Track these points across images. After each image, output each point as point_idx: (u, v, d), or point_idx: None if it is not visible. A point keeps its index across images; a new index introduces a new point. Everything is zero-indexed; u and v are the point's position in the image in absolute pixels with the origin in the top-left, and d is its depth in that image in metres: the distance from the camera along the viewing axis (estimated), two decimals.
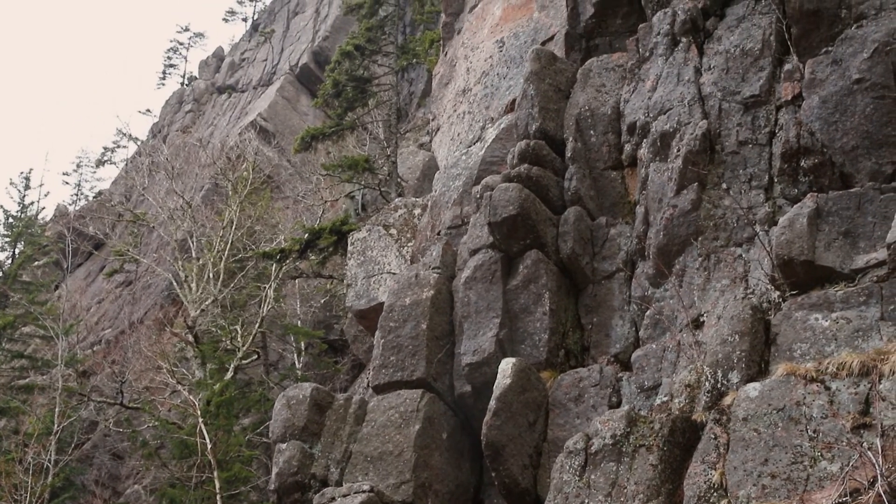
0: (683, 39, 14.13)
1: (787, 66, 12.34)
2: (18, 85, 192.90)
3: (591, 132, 15.30)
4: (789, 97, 12.14)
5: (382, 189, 34.14)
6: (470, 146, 19.28)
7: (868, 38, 10.87)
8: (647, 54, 14.87)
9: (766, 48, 12.75)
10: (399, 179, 34.82)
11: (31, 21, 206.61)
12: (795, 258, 10.55)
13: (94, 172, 74.55)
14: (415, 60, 37.58)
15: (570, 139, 15.48)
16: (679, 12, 14.35)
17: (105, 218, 48.36)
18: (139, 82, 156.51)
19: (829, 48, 11.32)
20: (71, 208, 64.29)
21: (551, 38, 18.19)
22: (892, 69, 10.64)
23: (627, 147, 14.80)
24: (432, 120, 24.03)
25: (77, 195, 71.60)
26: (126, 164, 63.14)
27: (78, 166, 73.46)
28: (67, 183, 73.75)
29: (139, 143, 60.73)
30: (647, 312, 13.23)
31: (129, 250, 41.77)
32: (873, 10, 10.99)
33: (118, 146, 71.66)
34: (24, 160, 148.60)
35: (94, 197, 66.76)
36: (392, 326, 15.33)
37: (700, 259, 12.58)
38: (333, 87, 34.81)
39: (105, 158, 72.85)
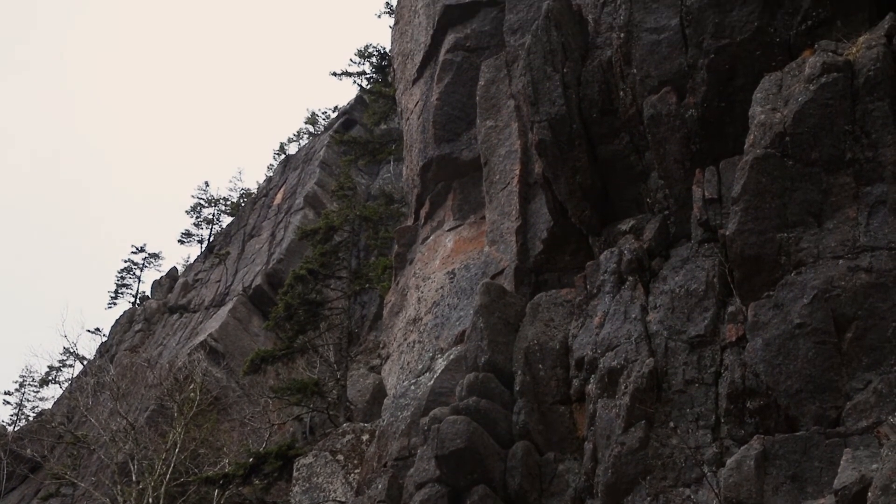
0: (630, 278, 14.46)
1: (730, 308, 12.61)
2: None
3: (540, 366, 15.37)
4: (734, 338, 12.35)
5: (331, 413, 33.73)
6: (419, 376, 19.24)
7: (807, 285, 11.17)
8: (595, 291, 15.15)
9: (710, 290, 13.06)
10: (348, 403, 34.48)
11: None
12: (744, 501, 10.45)
13: (38, 392, 73.17)
14: (367, 285, 37.97)
15: (519, 372, 15.54)
16: (625, 252, 14.75)
17: (44, 439, 47.16)
18: (90, 301, 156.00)
19: (771, 292, 11.60)
20: (10, 429, 62.68)
21: (501, 272, 18.53)
22: (831, 316, 10.88)
23: (576, 382, 14.86)
24: (382, 348, 24.06)
25: (17, 415, 70.07)
26: (70, 384, 62.14)
27: (21, 385, 72.23)
28: (8, 403, 72.27)
29: (85, 362, 59.98)
30: None
31: (66, 473, 40.51)
32: (811, 258, 11.33)
33: (64, 365, 70.71)
34: None
35: (34, 417, 65.28)
36: None
37: (649, 499, 12.42)
38: (285, 311, 34.87)
39: (50, 378, 71.70)
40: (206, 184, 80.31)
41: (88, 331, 74.85)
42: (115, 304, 79.86)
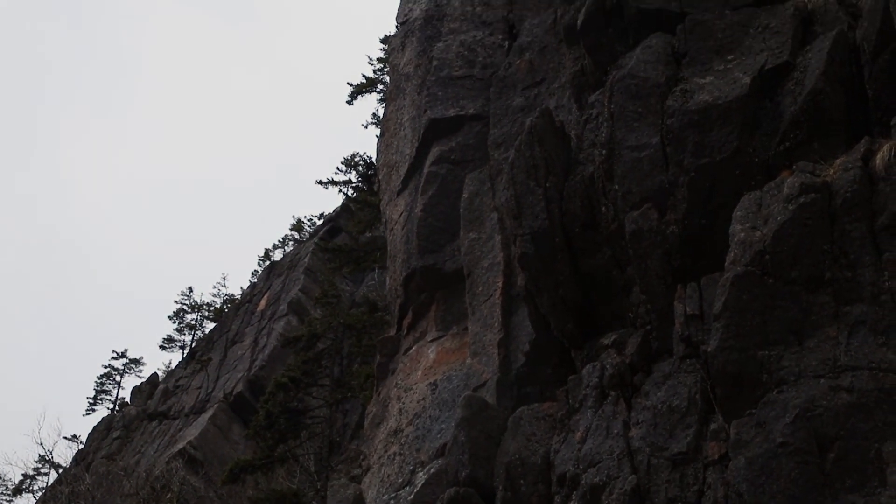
0: (612, 393, 14.40)
1: (713, 426, 12.53)
2: None
3: (522, 482, 15.18)
4: (716, 456, 12.24)
5: None
6: (399, 490, 18.98)
7: (789, 404, 11.14)
8: (577, 405, 15.07)
9: (693, 406, 13.00)
10: None
11: None
12: None
13: (10, 501, 71.66)
14: (350, 394, 37.71)
15: (500, 488, 15.34)
16: (607, 366, 14.73)
17: None
18: (68, 407, 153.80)
19: (753, 410, 11.56)
20: None
21: (483, 385, 18.46)
22: (813, 435, 10.84)
23: (557, 498, 14.65)
24: (363, 460, 23.78)
25: None
26: (44, 493, 60.95)
27: None
28: None
29: (61, 470, 58.95)
30: None
31: None
32: (792, 377, 11.34)
33: (39, 473, 69.38)
34: None
35: None
36: None
37: None
38: (266, 419, 34.58)
39: (23, 486, 70.28)
40: (190, 289, 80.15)
41: (65, 438, 73.86)
42: (93, 410, 79.01)
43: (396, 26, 28.53)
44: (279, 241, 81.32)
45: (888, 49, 12.64)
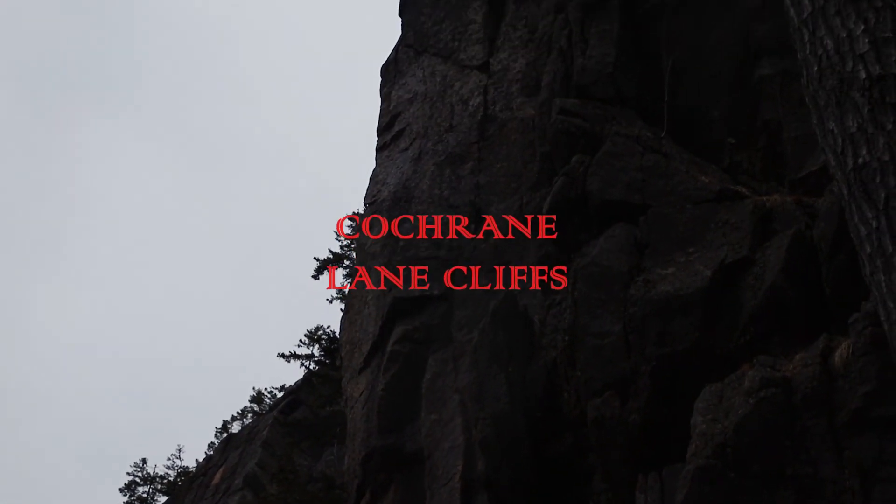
0: None
1: None
2: None
3: None
4: None
5: None
6: None
7: None
8: None
9: None
10: None
11: None
12: None
13: None
14: None
15: None
16: None
17: None
18: None
19: None
20: None
21: None
22: None
23: None
24: None
25: None
26: None
27: None
28: None
29: None
30: None
31: None
32: None
33: None
34: None
35: None
36: None
37: None
38: None
39: None
40: (144, 461, 78.11)
41: None
42: None
43: (365, 206, 28.97)
44: (238, 413, 79.79)
45: (844, 249, 12.96)
